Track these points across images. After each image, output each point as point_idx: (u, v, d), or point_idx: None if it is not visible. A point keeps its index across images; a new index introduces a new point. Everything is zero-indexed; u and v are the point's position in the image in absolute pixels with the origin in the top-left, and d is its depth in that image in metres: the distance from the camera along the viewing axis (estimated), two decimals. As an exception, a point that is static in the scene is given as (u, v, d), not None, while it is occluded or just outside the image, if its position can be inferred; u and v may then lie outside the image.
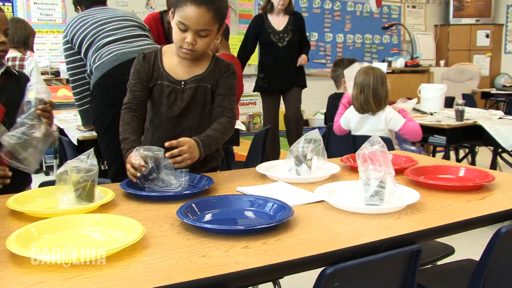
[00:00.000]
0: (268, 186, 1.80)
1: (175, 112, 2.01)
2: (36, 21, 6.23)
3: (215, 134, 1.91)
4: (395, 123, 3.28)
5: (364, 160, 1.53)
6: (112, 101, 2.69)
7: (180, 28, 1.87)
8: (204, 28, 1.87)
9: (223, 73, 2.03)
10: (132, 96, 2.00)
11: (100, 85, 2.78)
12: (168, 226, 1.39)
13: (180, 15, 1.85)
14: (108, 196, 1.60)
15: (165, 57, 2.03)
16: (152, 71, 2.00)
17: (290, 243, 1.26)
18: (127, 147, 1.87)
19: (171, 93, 2.00)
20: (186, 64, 2.00)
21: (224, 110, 2.00)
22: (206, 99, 2.03)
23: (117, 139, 2.71)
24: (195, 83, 2.00)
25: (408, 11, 9.62)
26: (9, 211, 1.51)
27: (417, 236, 1.36)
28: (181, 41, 1.88)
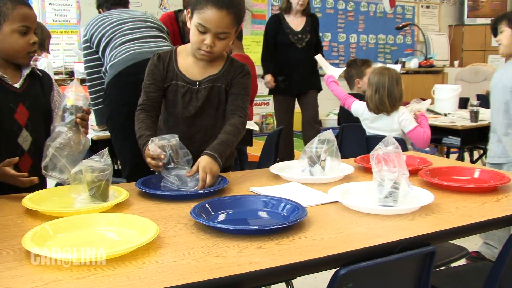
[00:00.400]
0: (282, 186, 1.80)
1: (190, 112, 2.01)
2: (51, 21, 6.28)
3: (228, 138, 1.90)
4: (406, 124, 3.27)
5: (378, 161, 1.53)
6: (125, 100, 2.71)
7: (200, 30, 1.86)
8: (224, 31, 1.87)
9: (238, 73, 2.03)
10: (146, 97, 2.01)
11: (114, 83, 2.80)
12: (182, 226, 1.39)
13: (200, 17, 1.84)
14: (122, 195, 1.61)
15: (180, 58, 2.03)
16: (167, 72, 2.01)
17: (304, 243, 1.26)
18: (143, 143, 1.88)
19: (186, 93, 2.00)
20: (201, 65, 2.01)
21: (236, 108, 2.00)
22: (220, 99, 2.03)
23: (131, 139, 2.73)
24: (210, 83, 2.00)
25: (422, 11, 9.57)
26: (25, 209, 1.52)
27: (432, 238, 1.35)
28: (199, 43, 1.88)
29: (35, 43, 1.82)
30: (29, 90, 1.86)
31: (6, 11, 1.73)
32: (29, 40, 1.79)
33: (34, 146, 1.85)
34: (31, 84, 1.88)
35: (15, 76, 1.84)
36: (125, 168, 2.87)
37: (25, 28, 1.77)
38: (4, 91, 1.79)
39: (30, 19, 1.79)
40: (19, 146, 1.82)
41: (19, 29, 1.76)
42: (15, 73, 1.85)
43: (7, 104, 1.79)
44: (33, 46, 1.82)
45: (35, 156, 1.84)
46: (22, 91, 1.83)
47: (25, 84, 1.85)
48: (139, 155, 1.95)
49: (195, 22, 1.86)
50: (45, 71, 2.02)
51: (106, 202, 1.55)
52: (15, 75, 1.84)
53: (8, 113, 1.79)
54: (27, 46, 1.79)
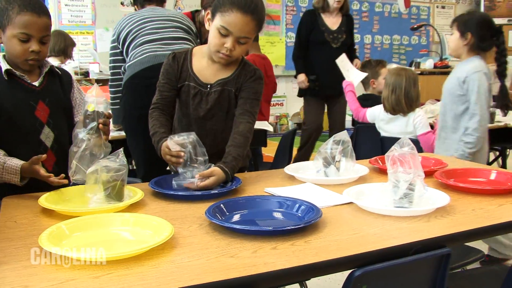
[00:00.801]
0: (296, 187, 1.80)
1: (200, 114, 2.02)
2: (66, 22, 6.33)
3: (239, 151, 1.87)
4: (419, 127, 3.25)
5: (394, 162, 1.52)
6: (138, 103, 2.72)
7: (221, 32, 1.85)
8: (246, 35, 1.87)
9: (249, 77, 2.00)
10: (160, 96, 2.03)
11: (129, 85, 2.82)
12: (197, 226, 1.39)
13: (223, 20, 1.83)
14: (137, 195, 1.62)
15: (194, 59, 2.03)
16: (181, 72, 2.02)
17: (318, 244, 1.26)
18: (157, 139, 1.89)
19: (196, 95, 2.01)
20: (214, 67, 2.00)
21: (245, 113, 1.96)
22: (230, 103, 2.02)
23: (144, 142, 2.74)
24: (220, 86, 1.99)
25: (437, 11, 9.51)
26: (41, 209, 1.54)
27: (447, 240, 1.34)
28: (219, 45, 1.87)
29: (35, 51, 1.77)
30: (48, 87, 1.88)
31: (11, 15, 1.73)
32: (28, 48, 1.76)
33: (57, 143, 1.87)
34: (50, 82, 1.90)
35: (35, 74, 1.86)
36: (139, 169, 2.88)
37: (25, 35, 1.74)
38: (23, 89, 1.82)
39: (33, 27, 1.74)
40: (42, 143, 1.84)
41: (18, 36, 1.74)
42: (35, 72, 1.87)
43: (27, 102, 1.81)
44: (32, 54, 1.77)
45: (58, 152, 1.87)
46: (41, 89, 1.85)
47: (44, 82, 1.87)
48: (153, 155, 1.95)
49: (217, 25, 1.85)
50: (64, 69, 2.04)
51: (121, 202, 1.56)
52: (35, 73, 1.86)
53: (29, 110, 1.81)
54: (25, 53, 1.76)
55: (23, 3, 1.73)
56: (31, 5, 1.74)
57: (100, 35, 6.54)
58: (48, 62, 1.92)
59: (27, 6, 1.73)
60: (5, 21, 1.74)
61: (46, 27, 1.79)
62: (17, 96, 1.80)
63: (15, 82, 1.81)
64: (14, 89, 1.80)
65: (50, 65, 1.91)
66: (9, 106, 1.78)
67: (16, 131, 1.79)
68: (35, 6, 1.75)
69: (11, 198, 1.68)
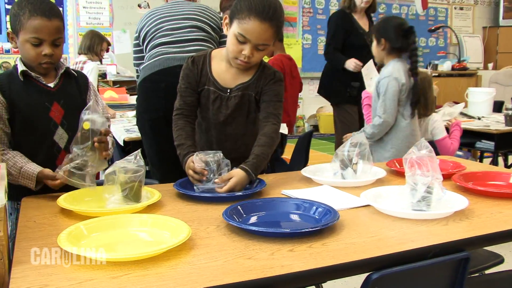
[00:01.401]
0: (314, 189, 1.80)
1: (220, 119, 2.01)
2: (84, 24, 6.39)
3: (263, 150, 1.86)
4: (436, 132, 3.23)
5: (411, 165, 1.51)
6: (148, 107, 2.73)
7: (239, 40, 1.84)
8: (264, 43, 1.85)
9: (269, 80, 1.99)
10: (183, 101, 2.01)
11: (140, 88, 2.82)
12: (214, 227, 1.40)
13: (241, 27, 1.82)
14: (154, 196, 1.63)
15: (213, 62, 2.02)
16: (200, 76, 2.01)
17: (336, 247, 1.25)
18: (184, 153, 1.88)
19: (216, 99, 2.00)
20: (233, 71, 1.99)
21: (269, 116, 1.96)
22: (250, 107, 2.02)
23: (157, 144, 2.75)
24: (241, 91, 1.99)
25: (455, 13, 9.44)
26: (60, 209, 1.55)
27: (466, 244, 1.33)
28: (237, 52, 1.87)
29: (48, 55, 1.78)
30: (64, 89, 1.89)
31: (23, 20, 1.74)
32: (41, 52, 1.77)
33: (70, 144, 1.87)
34: (66, 83, 1.91)
35: (51, 76, 1.88)
36: (153, 170, 2.90)
37: (37, 40, 1.75)
38: (39, 90, 1.83)
39: (43, 31, 1.75)
40: (55, 143, 1.85)
41: (30, 40, 1.75)
42: (51, 73, 1.88)
43: (42, 103, 1.83)
44: (45, 57, 1.78)
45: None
46: (56, 90, 1.86)
47: (60, 83, 1.88)
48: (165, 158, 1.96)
49: (235, 31, 1.84)
50: (80, 72, 2.04)
51: (139, 203, 1.57)
52: (51, 75, 1.88)
53: (43, 111, 1.83)
54: (38, 57, 1.78)
55: (33, 7, 1.74)
56: (41, 9, 1.75)
57: (117, 36, 6.59)
58: (64, 64, 1.93)
59: (37, 10, 1.74)
60: (17, 27, 1.76)
61: (58, 29, 1.79)
62: (32, 97, 1.82)
63: (30, 83, 1.83)
64: (30, 90, 1.82)
65: (66, 67, 1.92)
66: (24, 107, 1.80)
67: (31, 132, 1.81)
68: (45, 9, 1.75)
69: (30, 199, 1.70)
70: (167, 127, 2.07)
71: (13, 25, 1.78)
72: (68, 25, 6.27)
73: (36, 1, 1.76)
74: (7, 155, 1.74)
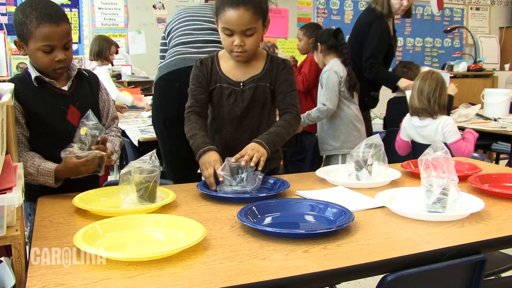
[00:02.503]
0: (328, 190, 1.79)
1: (236, 113, 2.03)
2: (99, 25, 6.43)
3: (277, 129, 1.93)
4: (448, 135, 3.20)
5: (427, 166, 1.50)
6: (163, 105, 2.76)
7: (226, 33, 1.90)
8: (248, 27, 1.88)
9: (280, 70, 2.04)
10: (194, 100, 2.03)
11: (156, 87, 2.86)
12: (228, 228, 1.40)
13: (222, 21, 1.88)
14: (169, 197, 1.63)
15: (222, 61, 2.06)
16: (211, 75, 2.03)
17: (350, 248, 1.25)
18: (199, 142, 1.89)
19: (230, 94, 2.02)
20: (243, 66, 2.03)
21: (287, 107, 2.02)
22: (265, 98, 2.05)
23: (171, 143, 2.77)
24: (254, 83, 2.02)
25: (471, 13, 9.36)
26: (75, 208, 1.57)
27: (482, 246, 1.32)
28: (230, 45, 1.91)
29: (61, 60, 1.77)
30: (77, 91, 1.90)
31: (31, 28, 1.71)
32: (54, 58, 1.76)
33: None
34: (79, 85, 1.92)
35: (63, 78, 1.88)
36: (167, 169, 2.92)
37: (48, 47, 1.74)
38: (54, 95, 1.84)
39: (54, 37, 1.73)
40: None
41: (41, 48, 1.74)
42: (63, 76, 1.88)
43: (58, 107, 1.84)
44: (59, 63, 1.77)
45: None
46: (70, 93, 1.87)
47: (73, 86, 1.89)
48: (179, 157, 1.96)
49: (220, 27, 1.91)
50: (91, 71, 2.05)
51: (154, 203, 1.58)
52: (63, 77, 1.88)
53: (61, 115, 1.84)
54: (51, 63, 1.77)
55: (40, 14, 1.71)
56: (48, 15, 1.72)
57: (132, 37, 6.62)
58: (76, 65, 1.94)
59: (44, 17, 1.71)
60: (26, 35, 1.73)
61: (67, 33, 1.77)
62: (48, 102, 1.82)
63: (45, 88, 1.83)
64: (45, 95, 1.82)
65: (78, 68, 1.93)
66: (41, 112, 1.80)
67: (50, 136, 1.82)
68: (51, 15, 1.72)
69: (46, 198, 1.71)
70: (181, 126, 2.09)
71: (20, 33, 1.75)
72: (83, 26, 6.32)
73: (40, 6, 1.72)
74: (26, 156, 1.75)
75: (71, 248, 1.22)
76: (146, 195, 1.58)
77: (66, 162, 1.71)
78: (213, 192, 1.72)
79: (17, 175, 1.34)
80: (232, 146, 1.99)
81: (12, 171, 1.34)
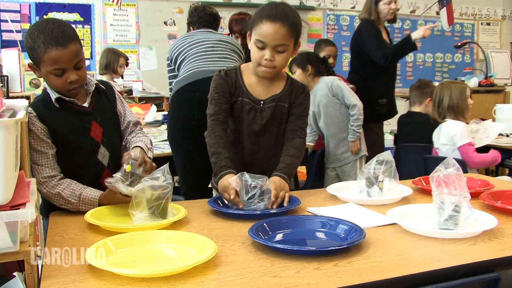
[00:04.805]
0: (339, 207, 1.79)
1: (255, 129, 2.04)
2: (111, 41, 6.48)
3: (293, 161, 1.94)
4: (457, 138, 3.23)
5: (439, 183, 1.50)
6: (181, 116, 2.81)
7: (258, 46, 1.91)
8: (281, 43, 1.89)
9: (300, 94, 2.06)
10: (218, 107, 2.01)
11: (175, 99, 2.92)
12: (239, 244, 1.40)
13: (257, 33, 1.89)
14: (180, 213, 1.64)
15: (244, 75, 2.06)
16: (235, 88, 2.04)
17: (362, 265, 1.24)
18: (221, 164, 1.87)
19: (250, 110, 2.03)
20: (264, 83, 2.03)
21: (297, 129, 2.04)
22: (282, 118, 2.06)
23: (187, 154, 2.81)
24: (274, 102, 2.03)
25: (482, 28, 9.34)
26: (87, 224, 1.57)
27: (495, 264, 1.31)
28: (260, 59, 1.92)
29: (73, 81, 1.75)
30: (97, 106, 1.90)
31: (39, 53, 1.70)
32: (66, 80, 1.75)
33: (112, 161, 1.89)
34: (98, 100, 1.91)
35: (82, 95, 1.87)
36: (181, 180, 2.94)
37: (59, 70, 1.73)
38: (77, 113, 1.83)
39: (62, 60, 1.71)
40: (99, 163, 1.86)
41: (52, 72, 1.73)
42: (81, 92, 1.87)
43: (82, 125, 1.83)
44: (72, 84, 1.76)
45: (114, 170, 1.85)
46: (91, 109, 1.87)
47: (93, 101, 1.88)
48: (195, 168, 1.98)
49: (253, 39, 1.92)
50: (106, 82, 2.03)
51: (165, 219, 1.58)
52: (82, 93, 1.87)
53: (84, 132, 1.83)
54: (65, 85, 1.76)
55: (46, 38, 1.69)
56: (54, 38, 1.69)
57: (143, 53, 6.67)
58: (93, 80, 1.91)
59: (50, 41, 1.69)
60: (36, 59, 1.74)
61: (76, 53, 1.75)
62: (71, 121, 1.82)
63: (67, 108, 1.82)
64: (68, 115, 1.81)
65: (95, 82, 1.91)
66: (66, 132, 1.79)
67: (75, 154, 1.81)
68: (58, 38, 1.70)
69: (58, 214, 1.72)
70: (200, 135, 2.11)
71: (32, 57, 1.75)
72: (95, 42, 6.38)
73: (47, 30, 1.70)
74: (63, 185, 1.74)
75: (83, 264, 1.23)
76: (158, 212, 1.59)
77: (110, 197, 1.72)
78: (224, 209, 1.72)
79: (30, 190, 1.35)
80: (247, 161, 2.03)
81: (26, 187, 1.36)
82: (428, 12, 8.52)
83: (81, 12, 6.28)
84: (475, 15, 9.24)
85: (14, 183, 1.30)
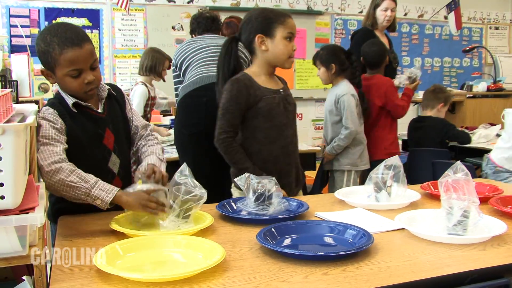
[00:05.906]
0: (347, 212, 1.78)
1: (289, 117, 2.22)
2: (119, 46, 6.51)
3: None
4: None
5: (447, 188, 1.49)
6: (189, 121, 2.82)
7: (289, 39, 2.14)
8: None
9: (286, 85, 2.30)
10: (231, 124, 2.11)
11: (182, 105, 2.92)
12: (247, 249, 1.40)
13: (288, 27, 2.14)
14: (207, 220, 1.62)
15: (255, 78, 2.15)
16: (254, 91, 2.11)
17: (370, 271, 1.24)
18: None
19: (279, 101, 2.16)
20: (272, 80, 2.22)
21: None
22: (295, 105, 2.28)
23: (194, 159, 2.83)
24: (285, 91, 2.23)
25: (490, 32, 9.31)
26: (95, 228, 1.58)
27: (505, 270, 1.30)
28: (290, 50, 2.15)
29: (91, 82, 1.72)
30: (110, 112, 1.86)
31: (55, 56, 1.67)
32: (83, 81, 1.71)
33: (122, 169, 1.86)
34: (110, 106, 1.88)
35: (96, 101, 1.84)
36: None
37: (75, 71, 1.69)
38: (92, 119, 1.80)
39: (79, 60, 1.69)
40: (110, 170, 1.82)
41: (69, 73, 1.69)
42: (94, 99, 1.83)
43: (96, 132, 1.79)
44: (89, 85, 1.73)
45: (124, 178, 1.85)
46: (105, 116, 1.83)
47: (106, 107, 1.85)
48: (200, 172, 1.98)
49: (284, 34, 2.13)
50: (115, 85, 1.99)
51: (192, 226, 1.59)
52: (95, 99, 1.84)
53: (98, 139, 1.79)
54: (82, 87, 1.72)
55: (61, 40, 1.66)
56: (69, 38, 1.67)
57: (152, 58, 6.70)
58: (105, 85, 1.87)
59: (66, 42, 1.66)
60: (51, 63, 1.70)
61: (91, 53, 1.73)
62: (88, 127, 1.78)
63: (84, 113, 1.78)
64: (84, 120, 1.78)
65: (108, 88, 1.87)
66: (82, 138, 1.75)
67: (87, 162, 1.72)
68: (72, 38, 1.68)
69: (67, 218, 1.73)
70: (207, 140, 2.16)
71: (45, 62, 1.72)
72: (104, 47, 6.40)
73: (59, 32, 1.68)
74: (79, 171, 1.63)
75: (92, 268, 1.23)
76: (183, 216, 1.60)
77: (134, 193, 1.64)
78: (232, 214, 1.72)
79: (39, 195, 1.36)
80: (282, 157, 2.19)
81: (35, 191, 1.36)
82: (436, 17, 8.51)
83: (89, 17, 6.32)
84: (483, 19, 9.21)
85: (23, 188, 1.30)
